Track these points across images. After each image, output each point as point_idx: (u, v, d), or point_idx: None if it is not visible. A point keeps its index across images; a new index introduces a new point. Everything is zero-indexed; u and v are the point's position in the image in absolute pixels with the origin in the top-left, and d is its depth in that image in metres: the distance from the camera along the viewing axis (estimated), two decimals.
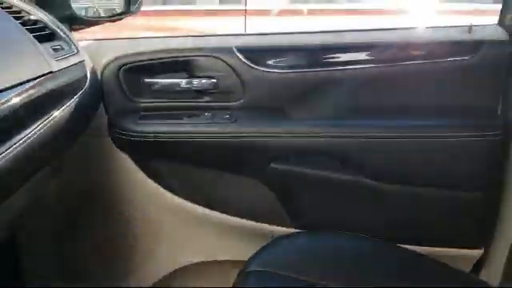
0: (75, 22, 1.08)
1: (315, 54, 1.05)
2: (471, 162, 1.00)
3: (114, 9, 1.22)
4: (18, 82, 0.66)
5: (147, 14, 2.42)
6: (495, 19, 1.06)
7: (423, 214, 1.03)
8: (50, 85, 0.76)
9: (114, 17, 1.20)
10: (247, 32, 2.22)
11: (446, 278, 0.89)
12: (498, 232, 1.04)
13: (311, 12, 2.44)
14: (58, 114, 0.79)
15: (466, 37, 1.02)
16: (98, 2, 1.21)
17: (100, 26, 1.17)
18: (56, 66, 0.79)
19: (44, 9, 0.99)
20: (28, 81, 0.69)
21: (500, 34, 1.01)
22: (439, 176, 1.01)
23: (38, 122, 0.72)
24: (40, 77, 0.73)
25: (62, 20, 1.02)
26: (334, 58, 1.05)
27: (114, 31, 1.40)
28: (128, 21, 1.27)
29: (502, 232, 1.03)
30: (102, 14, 1.19)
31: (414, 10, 2.50)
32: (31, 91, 0.69)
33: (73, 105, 0.83)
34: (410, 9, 2.53)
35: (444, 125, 1.00)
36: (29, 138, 0.66)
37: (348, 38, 1.08)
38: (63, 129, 0.80)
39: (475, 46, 1.00)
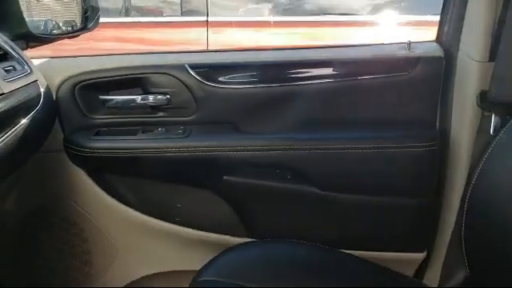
0: (31, 39, 1.10)
1: (266, 71, 1.10)
2: (412, 171, 1.06)
3: (74, 20, 1.24)
4: None
5: (114, 26, 2.43)
6: None
7: (368, 220, 1.09)
8: (2, 106, 0.78)
9: (72, 33, 1.23)
10: (210, 44, 2.28)
11: (387, 282, 0.95)
12: (439, 235, 1.11)
13: (277, 24, 2.50)
14: (11, 133, 0.82)
15: (405, 53, 1.09)
16: (56, 15, 1.23)
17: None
18: (7, 87, 0.81)
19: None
20: None
21: (436, 51, 1.09)
22: (383, 184, 1.07)
23: None
24: None
25: (18, 37, 1.04)
26: (283, 74, 1.10)
27: (83, 43, 1.42)
28: (98, 32, 1.30)
29: (441, 235, 1.09)
30: (62, 27, 1.22)
31: (381, 23, 2.57)
32: None
33: (26, 124, 0.86)
34: (377, 22, 2.60)
35: (386, 136, 1.06)
36: None
37: (296, 56, 1.13)
38: (17, 147, 0.83)
39: (413, 62, 1.07)
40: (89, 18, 1.24)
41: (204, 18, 2.31)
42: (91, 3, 1.24)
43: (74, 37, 1.22)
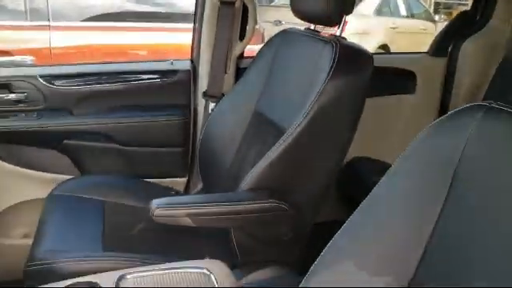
0: None
1: (88, 77, 1.86)
2: (176, 132, 1.93)
3: None
4: None
5: None
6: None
7: (153, 161, 1.93)
8: None
9: None
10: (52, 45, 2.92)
11: (161, 192, 1.78)
12: (191, 167, 2.00)
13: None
14: None
15: (170, 67, 1.94)
16: None
17: None
18: None
19: None
20: None
21: (187, 66, 1.95)
22: (160, 140, 1.92)
23: None
24: None
25: None
26: (98, 79, 1.87)
27: None
28: None
29: (192, 167, 1.99)
30: None
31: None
32: None
33: None
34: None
35: (161, 114, 1.91)
36: None
37: (106, 68, 1.92)
38: None
39: (174, 72, 1.93)
40: None
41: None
42: None
43: None
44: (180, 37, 2.90)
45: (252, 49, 2.07)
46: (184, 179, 2.01)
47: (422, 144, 0.81)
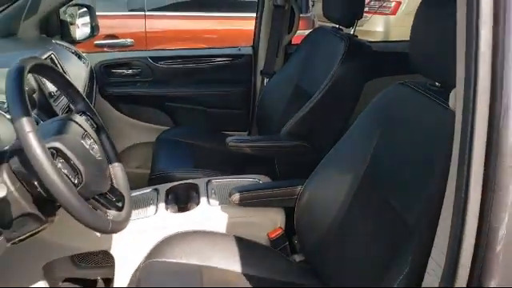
0: (75, 43, 2.58)
1: (180, 58, 2.67)
2: (242, 99, 2.71)
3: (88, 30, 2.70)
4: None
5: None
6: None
7: (227, 121, 2.73)
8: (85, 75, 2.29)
9: (88, 38, 2.70)
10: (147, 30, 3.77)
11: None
12: (252, 124, 2.77)
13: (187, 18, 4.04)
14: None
15: (237, 52, 2.70)
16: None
17: None
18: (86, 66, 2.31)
19: (65, 39, 2.48)
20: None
21: (250, 51, 2.71)
22: (232, 105, 2.71)
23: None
24: None
25: (70, 42, 2.51)
26: (186, 60, 2.68)
27: None
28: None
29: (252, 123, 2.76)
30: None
31: None
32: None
33: (89, 81, 2.36)
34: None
35: (230, 86, 2.69)
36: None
37: (192, 52, 2.71)
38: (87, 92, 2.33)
39: (240, 55, 2.69)
40: (94, 29, 2.72)
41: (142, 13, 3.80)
42: (95, 22, 2.71)
43: (90, 39, 2.70)
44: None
45: (303, 33, 2.79)
46: (246, 133, 2.79)
47: (371, 105, 1.52)
